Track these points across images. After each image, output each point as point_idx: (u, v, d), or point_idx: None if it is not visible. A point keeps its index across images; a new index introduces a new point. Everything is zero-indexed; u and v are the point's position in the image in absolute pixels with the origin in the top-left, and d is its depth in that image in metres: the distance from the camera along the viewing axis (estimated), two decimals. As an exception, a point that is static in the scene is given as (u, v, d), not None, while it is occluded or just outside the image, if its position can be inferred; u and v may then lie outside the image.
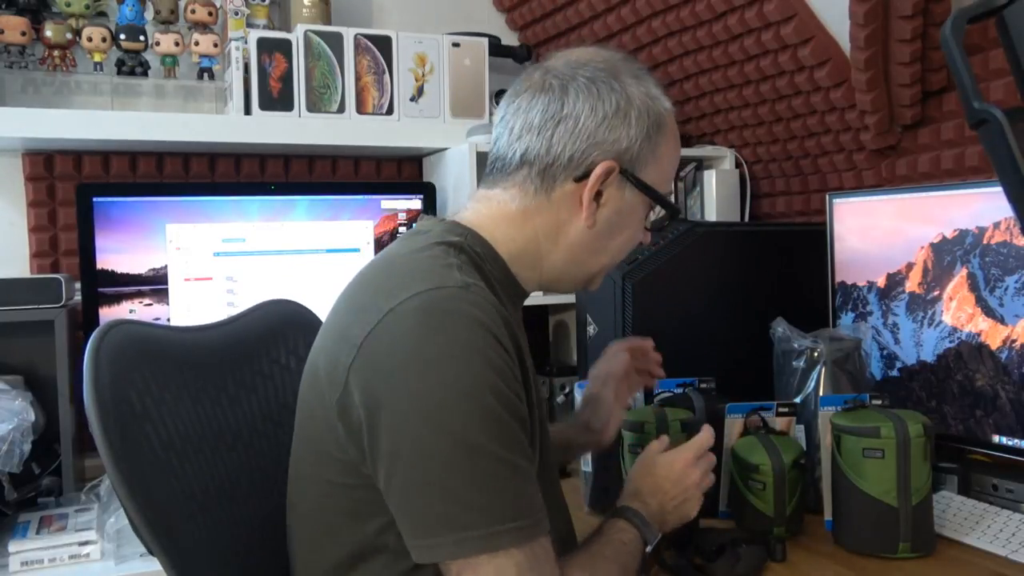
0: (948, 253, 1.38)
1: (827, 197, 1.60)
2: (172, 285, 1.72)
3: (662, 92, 0.95)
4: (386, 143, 1.89)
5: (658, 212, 0.99)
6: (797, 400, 1.35)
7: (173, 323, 1.69)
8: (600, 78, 0.91)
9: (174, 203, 1.73)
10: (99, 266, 1.66)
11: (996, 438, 1.31)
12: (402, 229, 1.91)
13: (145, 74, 1.85)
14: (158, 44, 1.83)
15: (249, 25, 1.87)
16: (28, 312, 1.51)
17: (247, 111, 1.78)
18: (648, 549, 0.95)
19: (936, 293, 1.40)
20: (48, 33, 1.75)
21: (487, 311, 0.80)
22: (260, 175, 1.99)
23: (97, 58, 1.79)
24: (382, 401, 0.77)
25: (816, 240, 1.62)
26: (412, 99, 1.92)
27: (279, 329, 1.12)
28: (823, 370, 1.34)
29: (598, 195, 0.92)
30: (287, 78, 1.80)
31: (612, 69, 0.92)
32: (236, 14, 1.85)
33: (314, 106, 1.82)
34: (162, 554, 0.83)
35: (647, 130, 0.91)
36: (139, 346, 0.92)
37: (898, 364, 1.47)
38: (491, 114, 1.98)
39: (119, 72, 1.83)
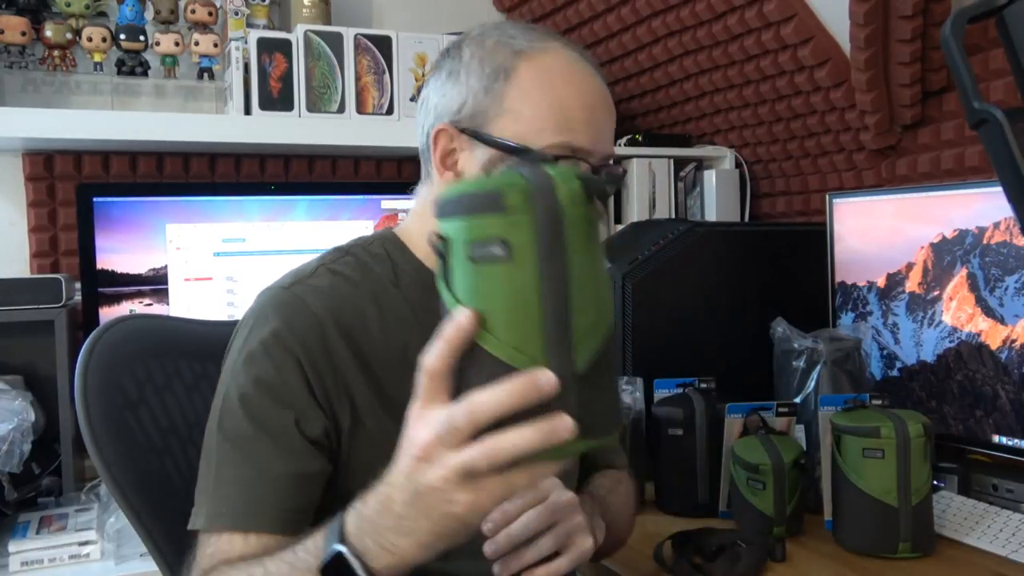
0: (948, 253, 1.38)
1: (827, 197, 1.60)
2: (172, 285, 1.72)
3: (533, 37, 0.86)
4: (386, 143, 1.88)
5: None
6: (797, 400, 1.35)
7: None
8: (445, 52, 0.90)
9: (174, 203, 1.73)
10: (99, 266, 1.66)
11: (996, 438, 1.31)
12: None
13: (145, 74, 1.85)
14: (158, 44, 1.83)
15: (249, 25, 1.87)
16: (28, 312, 1.51)
17: (247, 111, 1.78)
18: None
19: (936, 293, 1.40)
20: (48, 33, 1.75)
21: (294, 314, 0.83)
22: (260, 175, 1.99)
23: (97, 58, 1.79)
24: None
25: (816, 240, 1.62)
26: (412, 99, 1.92)
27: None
28: (823, 370, 1.34)
29: (454, 164, 0.87)
30: (287, 78, 1.80)
31: (463, 38, 0.89)
32: (236, 14, 1.85)
33: (314, 106, 1.82)
34: (154, 550, 0.85)
35: (483, 82, 0.84)
36: (150, 335, 0.97)
37: (898, 364, 1.47)
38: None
39: (119, 72, 1.83)
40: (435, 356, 0.57)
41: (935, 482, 1.24)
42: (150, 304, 1.69)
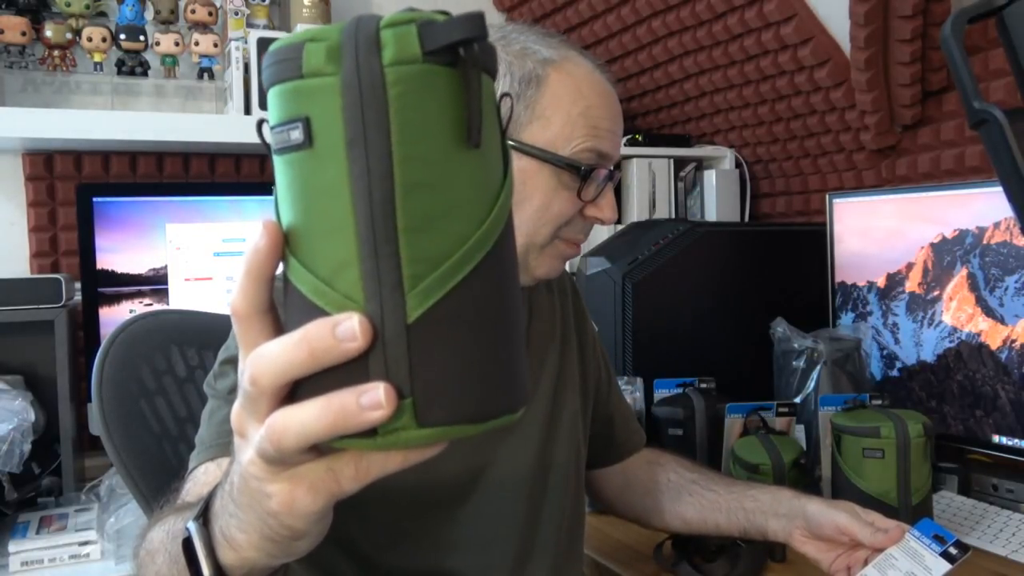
0: (948, 253, 1.38)
1: (827, 197, 1.60)
2: (172, 285, 1.72)
3: (553, 45, 0.88)
4: (386, 143, 1.88)
5: (602, 180, 0.88)
6: (797, 400, 1.35)
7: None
8: None
9: (174, 203, 1.73)
10: (99, 266, 1.65)
11: (996, 438, 1.31)
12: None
13: (145, 74, 1.85)
14: (158, 44, 1.83)
15: (249, 25, 1.87)
16: (28, 312, 1.51)
17: (247, 111, 1.78)
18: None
19: (936, 293, 1.40)
20: (48, 33, 1.74)
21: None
22: (260, 175, 1.99)
23: (97, 58, 1.79)
24: None
25: (816, 240, 1.62)
26: (412, 99, 1.91)
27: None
28: (823, 370, 1.35)
29: None
30: (287, 78, 1.80)
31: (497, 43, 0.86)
32: (236, 14, 1.85)
33: (314, 106, 1.82)
34: None
35: (516, 89, 0.85)
36: (175, 327, 1.00)
37: (898, 364, 1.47)
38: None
39: (119, 72, 1.83)
40: (236, 291, 0.43)
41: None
42: (150, 304, 1.69)
